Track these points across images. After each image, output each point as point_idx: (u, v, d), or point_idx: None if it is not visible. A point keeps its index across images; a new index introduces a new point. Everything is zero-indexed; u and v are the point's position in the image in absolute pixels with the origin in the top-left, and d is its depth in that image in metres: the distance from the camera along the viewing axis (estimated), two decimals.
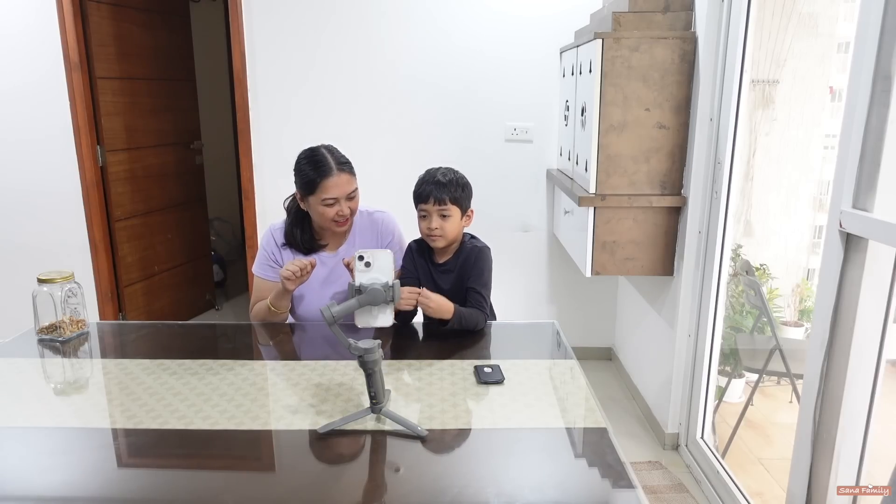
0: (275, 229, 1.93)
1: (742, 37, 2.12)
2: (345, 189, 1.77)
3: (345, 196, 1.78)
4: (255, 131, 3.16)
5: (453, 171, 1.81)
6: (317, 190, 1.76)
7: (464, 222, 1.81)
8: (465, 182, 1.80)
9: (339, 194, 1.77)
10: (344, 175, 1.77)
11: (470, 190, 1.82)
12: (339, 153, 1.81)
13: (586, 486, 1.12)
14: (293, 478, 1.14)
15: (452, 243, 1.83)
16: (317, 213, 1.80)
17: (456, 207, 1.76)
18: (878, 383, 1.46)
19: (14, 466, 1.16)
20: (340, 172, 1.76)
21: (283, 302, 1.82)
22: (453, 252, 1.84)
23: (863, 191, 1.44)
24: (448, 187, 1.75)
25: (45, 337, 1.69)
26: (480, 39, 3.08)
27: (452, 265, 1.83)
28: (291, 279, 1.73)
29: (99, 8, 3.17)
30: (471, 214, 1.83)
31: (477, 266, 1.80)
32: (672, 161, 2.38)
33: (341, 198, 1.78)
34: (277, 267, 1.90)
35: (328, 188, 1.75)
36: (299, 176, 1.79)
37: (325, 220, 1.81)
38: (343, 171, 1.77)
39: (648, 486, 2.31)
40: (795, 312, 3.37)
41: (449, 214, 1.76)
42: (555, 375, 1.53)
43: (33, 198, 3.24)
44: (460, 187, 1.77)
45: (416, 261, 1.87)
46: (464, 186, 1.79)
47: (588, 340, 3.42)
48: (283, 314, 1.86)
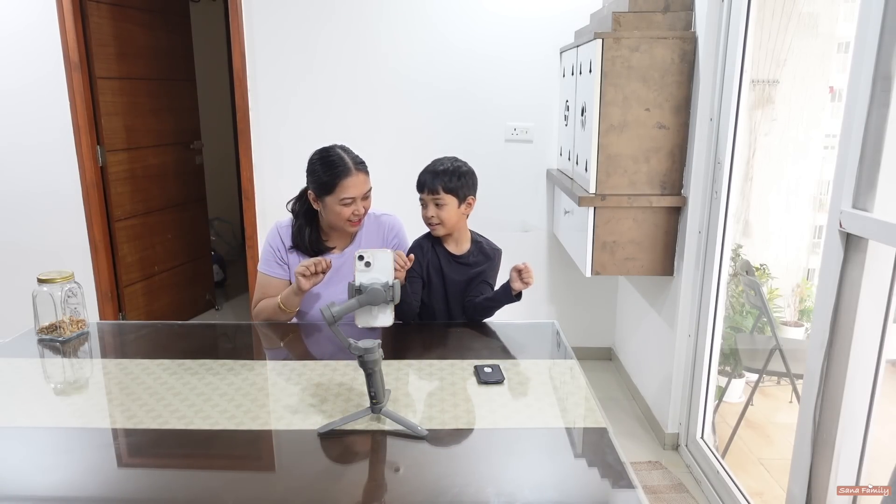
0: (281, 227, 1.93)
1: (742, 37, 2.12)
2: (362, 189, 1.78)
3: (361, 196, 1.79)
4: (255, 131, 3.16)
5: (454, 160, 1.84)
6: (335, 190, 1.76)
7: (463, 210, 1.83)
8: (464, 171, 1.82)
9: (357, 194, 1.77)
10: (361, 175, 1.78)
11: (470, 178, 1.83)
12: (353, 153, 1.82)
13: (586, 486, 1.12)
14: (293, 478, 1.14)
15: (452, 231, 1.85)
16: (333, 212, 1.80)
17: (451, 196, 1.78)
18: (878, 383, 1.46)
19: (14, 466, 1.16)
20: (358, 172, 1.77)
21: (295, 300, 1.81)
22: (466, 247, 1.88)
23: (863, 191, 1.44)
24: (442, 176, 1.78)
25: (45, 337, 1.69)
26: (480, 40, 3.08)
27: (469, 260, 1.87)
28: (307, 276, 1.73)
29: (99, 8, 3.17)
30: (471, 202, 1.84)
31: (497, 267, 1.92)
32: (672, 161, 2.38)
33: (358, 197, 1.78)
34: (284, 264, 1.89)
35: (347, 188, 1.75)
36: (314, 176, 1.79)
37: (341, 220, 1.81)
38: (360, 170, 1.79)
39: (648, 486, 2.31)
40: (795, 312, 3.37)
41: (443, 203, 1.78)
42: (555, 375, 1.54)
43: (33, 198, 3.24)
44: (457, 176, 1.79)
45: (426, 249, 1.88)
46: (462, 175, 1.80)
47: (588, 340, 3.42)
48: (292, 314, 1.86)
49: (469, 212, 1.86)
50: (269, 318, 1.86)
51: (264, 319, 1.88)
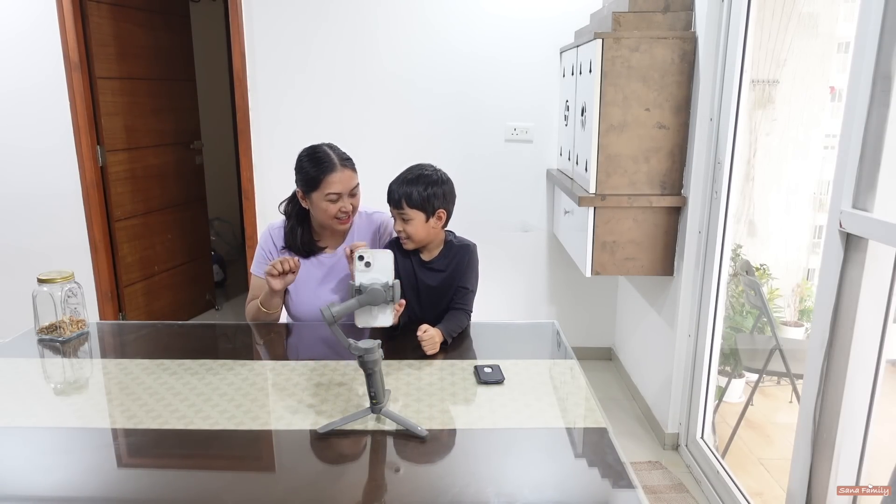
0: (273, 229, 1.93)
1: (742, 37, 2.12)
2: (348, 185, 1.78)
3: (348, 192, 1.79)
4: (255, 131, 3.16)
5: (424, 168, 1.73)
6: (320, 185, 1.76)
7: (433, 224, 1.72)
8: (434, 180, 1.69)
9: (343, 189, 1.77)
10: (347, 171, 1.78)
11: (443, 189, 1.71)
12: (340, 150, 1.82)
13: (586, 486, 1.12)
14: (293, 478, 1.14)
15: (423, 245, 1.76)
16: (319, 209, 1.80)
17: (417, 211, 1.68)
18: (878, 383, 1.46)
19: (14, 466, 1.16)
20: (343, 168, 1.77)
21: (274, 301, 1.82)
22: (439, 251, 1.79)
23: (863, 191, 1.44)
24: (408, 188, 1.67)
25: (45, 337, 1.69)
26: (480, 40, 3.08)
27: (441, 264, 1.78)
28: (274, 275, 1.73)
29: (99, 8, 3.17)
30: (441, 216, 1.72)
31: (470, 265, 1.79)
32: (672, 161, 2.38)
33: (344, 193, 1.78)
34: None
35: (332, 183, 1.76)
36: (301, 173, 1.79)
37: (328, 217, 1.80)
38: (346, 167, 1.78)
39: (648, 486, 2.31)
40: (795, 312, 3.37)
41: (409, 218, 1.69)
42: (555, 375, 1.53)
43: (33, 198, 3.24)
44: (425, 187, 1.67)
45: (400, 260, 1.78)
46: (431, 185, 1.68)
47: (588, 340, 3.42)
48: (275, 314, 1.86)
49: (440, 224, 1.74)
50: (256, 318, 1.87)
51: (251, 320, 1.89)
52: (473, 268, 1.80)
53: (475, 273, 1.82)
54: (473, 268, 1.80)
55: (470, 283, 1.79)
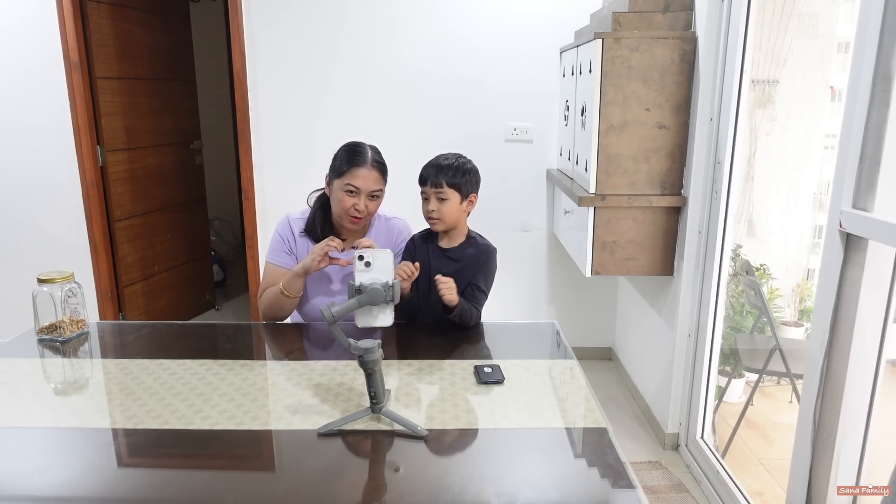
0: (292, 217, 1.95)
1: (742, 37, 2.12)
2: (370, 184, 1.80)
3: (367, 191, 1.80)
4: (255, 131, 3.16)
5: (458, 156, 1.82)
6: (344, 174, 1.79)
7: (465, 207, 1.81)
8: (468, 168, 1.80)
9: (362, 186, 1.79)
10: (374, 172, 1.81)
11: (474, 176, 1.81)
12: (379, 153, 1.86)
13: (586, 486, 1.12)
14: (293, 478, 1.14)
15: (452, 227, 1.82)
16: (336, 199, 1.82)
17: (453, 191, 1.77)
18: (878, 383, 1.46)
19: (14, 466, 1.16)
20: (372, 168, 1.80)
21: (298, 284, 1.80)
22: (459, 242, 1.84)
23: (863, 191, 1.44)
24: (446, 171, 1.76)
25: (45, 337, 1.69)
26: (480, 40, 3.08)
27: (457, 254, 1.83)
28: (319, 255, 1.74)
29: (99, 8, 3.17)
30: (473, 200, 1.83)
31: (488, 265, 1.84)
32: (672, 161, 2.38)
33: (363, 191, 1.79)
34: (292, 254, 1.91)
35: (356, 176, 1.78)
36: (335, 159, 1.84)
37: (341, 209, 1.81)
38: (375, 168, 1.81)
39: (648, 486, 2.31)
40: (795, 312, 3.36)
41: (445, 198, 1.76)
42: (555, 375, 1.54)
43: (33, 198, 3.24)
44: (461, 172, 1.78)
45: (419, 245, 1.88)
46: (465, 172, 1.79)
47: (588, 340, 3.42)
48: (293, 301, 1.84)
49: (470, 209, 1.84)
50: (272, 304, 1.85)
51: (266, 307, 1.87)
52: (491, 270, 1.85)
53: (491, 276, 1.85)
54: (491, 270, 1.85)
55: (484, 284, 1.82)
